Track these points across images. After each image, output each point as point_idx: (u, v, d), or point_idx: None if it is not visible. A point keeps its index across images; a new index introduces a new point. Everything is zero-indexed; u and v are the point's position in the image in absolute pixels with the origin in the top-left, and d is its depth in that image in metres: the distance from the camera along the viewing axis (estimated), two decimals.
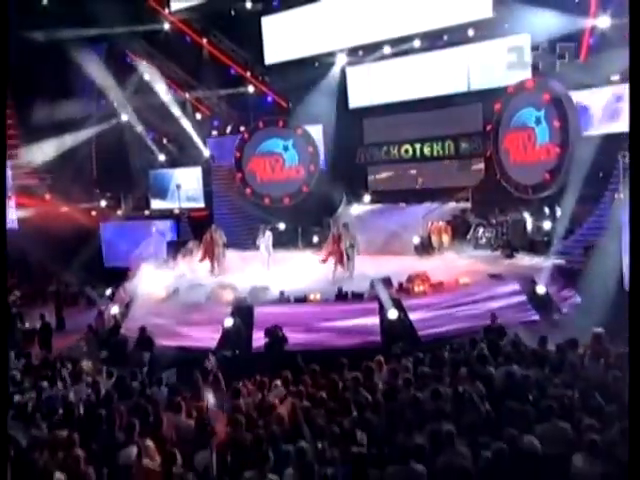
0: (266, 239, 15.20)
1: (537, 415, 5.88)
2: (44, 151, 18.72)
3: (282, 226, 17.92)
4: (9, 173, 19.44)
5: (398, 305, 11.19)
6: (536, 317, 11.64)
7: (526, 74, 15.51)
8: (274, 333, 10.00)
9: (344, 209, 17.78)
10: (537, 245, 14.51)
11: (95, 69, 18.76)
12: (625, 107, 13.87)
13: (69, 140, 18.92)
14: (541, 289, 12.16)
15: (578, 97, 14.30)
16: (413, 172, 18.23)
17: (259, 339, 10.70)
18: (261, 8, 18.09)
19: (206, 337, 11.18)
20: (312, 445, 5.57)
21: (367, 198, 18.30)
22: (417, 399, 6.60)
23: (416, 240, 15.58)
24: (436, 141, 17.81)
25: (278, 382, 7.75)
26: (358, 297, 11.68)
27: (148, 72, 19.59)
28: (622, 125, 13.35)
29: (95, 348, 11.65)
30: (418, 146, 18.07)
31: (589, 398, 6.21)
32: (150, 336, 10.54)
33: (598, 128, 14.01)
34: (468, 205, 16.38)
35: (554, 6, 13.98)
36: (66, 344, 13.12)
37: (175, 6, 18.42)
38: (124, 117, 20.08)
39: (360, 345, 10.48)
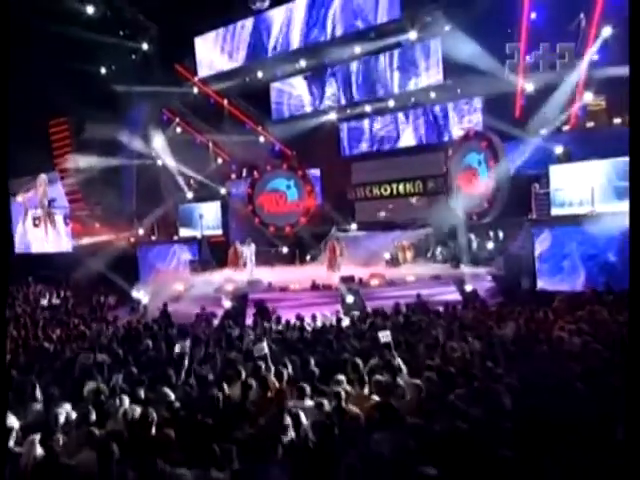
0: (251, 250, 18.92)
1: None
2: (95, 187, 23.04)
3: (285, 249, 22.06)
4: (66, 204, 24.03)
5: (356, 292, 15.05)
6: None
7: (476, 126, 19.71)
8: (260, 305, 13.93)
9: (334, 233, 21.74)
10: (479, 258, 18.25)
11: (139, 123, 23.38)
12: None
13: (114, 175, 22.89)
14: (468, 287, 15.82)
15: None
16: (390, 206, 22.34)
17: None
18: (269, 77, 21.93)
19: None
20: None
21: (354, 226, 22.30)
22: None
23: (387, 256, 19.41)
24: (408, 181, 21.56)
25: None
26: (327, 287, 15.61)
27: (180, 126, 23.75)
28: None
29: None
30: (394, 185, 21.83)
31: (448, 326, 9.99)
32: (168, 311, 14.51)
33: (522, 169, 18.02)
34: (431, 230, 20.28)
35: (491, 74, 18.21)
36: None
37: (202, 74, 22.57)
38: (160, 162, 23.85)
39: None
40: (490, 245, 18.58)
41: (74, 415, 5.86)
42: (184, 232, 23.55)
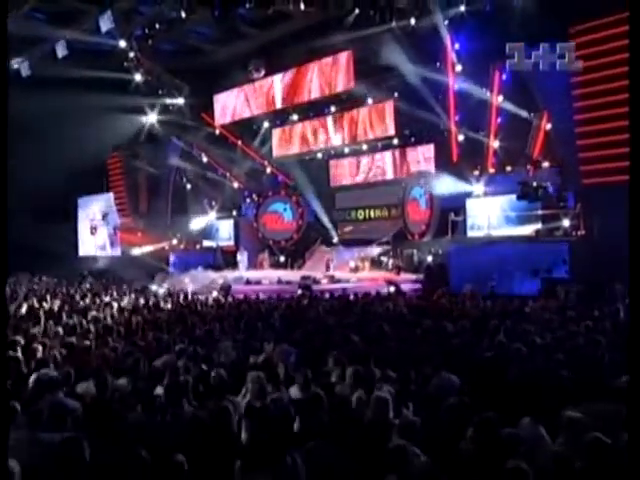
0: (244, 256, 25.26)
1: None
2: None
3: (282, 258, 28.10)
4: (117, 218, 30.98)
5: (308, 287, 20.84)
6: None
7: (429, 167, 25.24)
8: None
9: (318, 246, 27.61)
10: (418, 268, 23.62)
11: (175, 157, 30.12)
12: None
13: (154, 196, 29.74)
14: (392, 288, 21.25)
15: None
16: (364, 227, 28.10)
17: None
18: (272, 124, 28.19)
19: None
20: None
21: (335, 241, 28.09)
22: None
23: (352, 264, 25.14)
24: (378, 208, 27.32)
25: None
26: (289, 283, 21.53)
27: (205, 158, 29.78)
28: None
29: None
30: (367, 211, 27.60)
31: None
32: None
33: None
34: (390, 246, 25.81)
35: (431, 130, 23.77)
36: None
37: (219, 122, 28.62)
38: (188, 186, 30.94)
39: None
40: (429, 258, 23.98)
41: None
42: (205, 243, 29.99)
